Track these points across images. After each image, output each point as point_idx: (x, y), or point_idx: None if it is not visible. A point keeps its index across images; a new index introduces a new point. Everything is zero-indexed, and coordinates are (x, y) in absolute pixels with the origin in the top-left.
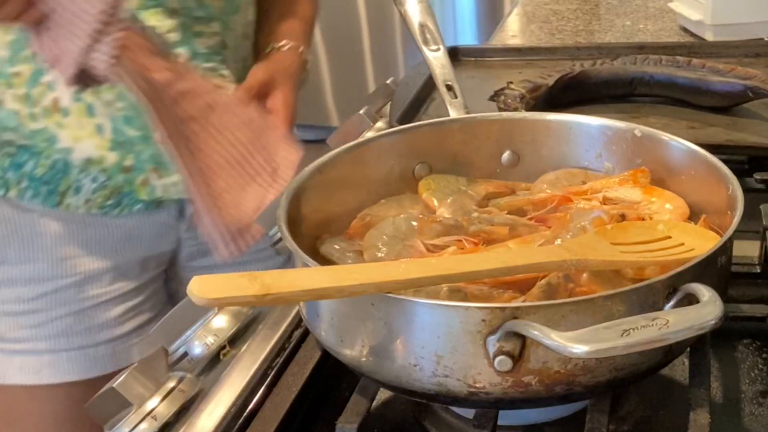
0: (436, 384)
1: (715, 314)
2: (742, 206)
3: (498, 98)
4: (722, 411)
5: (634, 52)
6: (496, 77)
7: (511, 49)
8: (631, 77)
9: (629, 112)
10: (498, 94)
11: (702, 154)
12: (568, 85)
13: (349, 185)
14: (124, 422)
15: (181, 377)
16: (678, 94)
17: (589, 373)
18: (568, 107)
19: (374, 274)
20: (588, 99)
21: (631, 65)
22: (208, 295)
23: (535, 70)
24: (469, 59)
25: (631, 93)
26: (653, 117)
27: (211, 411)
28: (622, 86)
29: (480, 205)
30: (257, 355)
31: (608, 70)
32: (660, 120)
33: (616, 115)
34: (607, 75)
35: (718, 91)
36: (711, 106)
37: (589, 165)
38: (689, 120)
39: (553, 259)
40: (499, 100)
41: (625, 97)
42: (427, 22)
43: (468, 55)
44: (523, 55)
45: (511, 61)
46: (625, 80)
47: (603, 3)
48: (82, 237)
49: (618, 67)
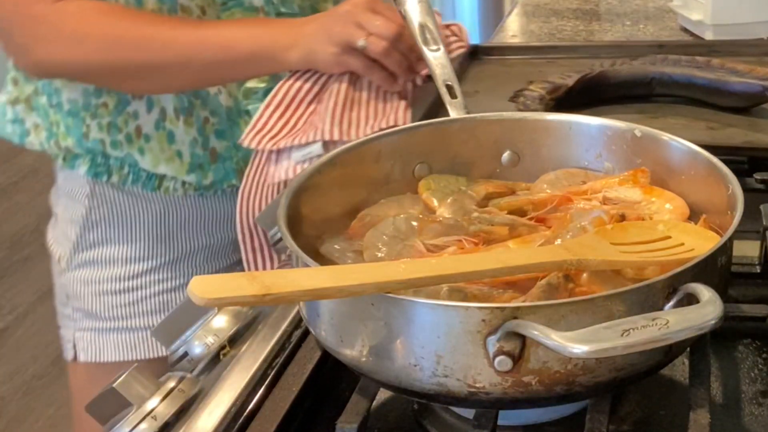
0: (436, 384)
1: (715, 314)
2: (742, 206)
3: (518, 99)
4: (722, 411)
5: (654, 50)
6: (517, 76)
7: (531, 47)
8: (650, 77)
9: (648, 112)
10: (518, 95)
11: (702, 154)
12: (587, 85)
13: (349, 185)
14: (124, 422)
15: (181, 377)
16: (697, 95)
17: (589, 373)
18: (587, 107)
19: (374, 274)
20: (607, 99)
21: (650, 65)
22: (208, 295)
23: (554, 69)
24: (489, 57)
25: (650, 93)
26: (672, 117)
27: (211, 411)
28: (642, 86)
29: (480, 205)
30: (257, 355)
31: (627, 71)
32: (679, 121)
33: (635, 116)
34: (626, 75)
35: (736, 91)
36: (730, 106)
37: (589, 165)
38: (708, 120)
39: (553, 259)
40: (518, 102)
41: (644, 97)
42: (427, 22)
43: (488, 53)
44: (543, 54)
45: (531, 60)
46: (645, 80)
47: (603, 3)
48: (179, 218)
49: (637, 67)
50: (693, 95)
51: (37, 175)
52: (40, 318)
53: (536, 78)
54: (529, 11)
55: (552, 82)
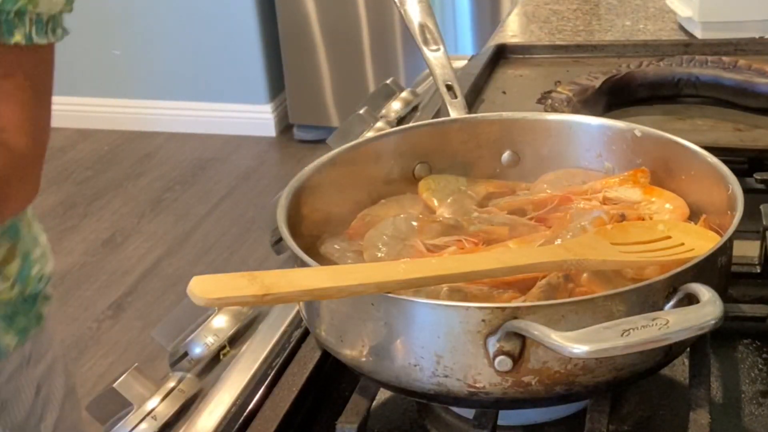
0: (436, 384)
1: (715, 314)
2: (742, 206)
3: (545, 101)
4: (722, 411)
5: (680, 50)
6: (544, 76)
7: (558, 46)
8: (677, 78)
9: (675, 113)
10: (545, 97)
11: (702, 154)
12: (614, 86)
13: (349, 185)
14: (124, 422)
15: (181, 377)
16: (724, 96)
17: (589, 373)
18: (613, 109)
19: (374, 274)
20: (634, 100)
21: (677, 66)
22: (208, 295)
23: (581, 68)
24: (516, 57)
25: (677, 94)
26: (699, 119)
27: (211, 411)
28: (669, 87)
29: (480, 205)
30: (257, 355)
31: (654, 72)
32: (706, 122)
33: (662, 117)
34: (653, 77)
35: (763, 92)
36: (757, 107)
37: (589, 165)
38: (735, 122)
39: (553, 259)
40: (546, 104)
41: (671, 98)
42: (427, 22)
43: (515, 52)
44: (570, 53)
45: (558, 59)
46: (672, 81)
47: (603, 3)
48: None
49: (664, 68)
50: (720, 96)
51: None
52: None
53: (563, 78)
54: (529, 11)
55: (579, 84)
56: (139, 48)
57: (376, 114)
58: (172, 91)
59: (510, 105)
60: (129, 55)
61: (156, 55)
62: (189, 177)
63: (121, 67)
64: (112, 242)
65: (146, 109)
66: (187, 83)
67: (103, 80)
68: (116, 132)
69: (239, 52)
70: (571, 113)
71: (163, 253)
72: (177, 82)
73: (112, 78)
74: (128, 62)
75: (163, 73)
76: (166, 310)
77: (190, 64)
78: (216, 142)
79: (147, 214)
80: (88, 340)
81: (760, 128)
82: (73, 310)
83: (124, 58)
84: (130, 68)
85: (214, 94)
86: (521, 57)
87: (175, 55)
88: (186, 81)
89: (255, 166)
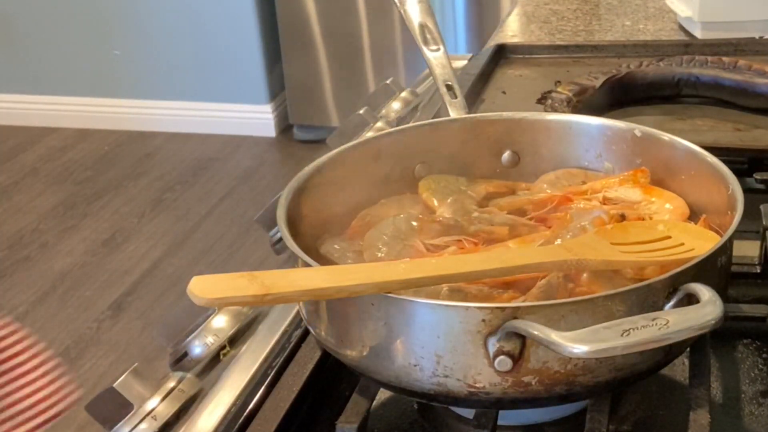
0: (436, 384)
1: (715, 314)
2: (742, 206)
3: (545, 101)
4: (722, 411)
5: (680, 50)
6: (544, 76)
7: (558, 46)
8: (677, 78)
9: (675, 113)
10: (545, 97)
11: (702, 154)
12: (614, 87)
13: (349, 185)
14: (124, 422)
15: (181, 377)
16: (724, 96)
17: (589, 373)
18: (613, 108)
19: (374, 274)
20: (634, 100)
21: (677, 66)
22: (208, 295)
23: (581, 68)
24: (515, 57)
25: (677, 94)
26: (699, 119)
27: (211, 411)
28: (669, 87)
29: (480, 205)
30: (257, 355)
31: (654, 72)
32: (706, 122)
33: (662, 117)
34: (653, 77)
35: (763, 92)
36: (757, 107)
37: (589, 165)
38: (735, 122)
39: (553, 259)
40: (546, 104)
41: (671, 98)
42: (427, 22)
43: (515, 52)
44: (570, 53)
45: (558, 59)
46: (672, 82)
47: (603, 3)
48: None
49: (664, 68)
50: (720, 96)
51: (37, 175)
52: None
53: (563, 78)
54: (529, 11)
55: (579, 84)
56: (139, 48)
57: (376, 114)
58: (172, 91)
59: (510, 105)
60: (129, 55)
61: (156, 55)
62: (189, 177)
63: (121, 67)
64: (112, 242)
65: (146, 109)
66: (187, 83)
67: (103, 80)
68: (116, 132)
69: (239, 52)
70: (571, 113)
71: (163, 253)
72: (177, 82)
73: (112, 78)
74: (128, 62)
75: (163, 73)
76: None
77: (190, 64)
78: (216, 142)
79: (147, 214)
80: (88, 340)
81: (760, 128)
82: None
83: (124, 58)
84: (130, 68)
85: (214, 94)
86: (521, 57)
87: (175, 55)
88: (186, 81)
89: (255, 166)
